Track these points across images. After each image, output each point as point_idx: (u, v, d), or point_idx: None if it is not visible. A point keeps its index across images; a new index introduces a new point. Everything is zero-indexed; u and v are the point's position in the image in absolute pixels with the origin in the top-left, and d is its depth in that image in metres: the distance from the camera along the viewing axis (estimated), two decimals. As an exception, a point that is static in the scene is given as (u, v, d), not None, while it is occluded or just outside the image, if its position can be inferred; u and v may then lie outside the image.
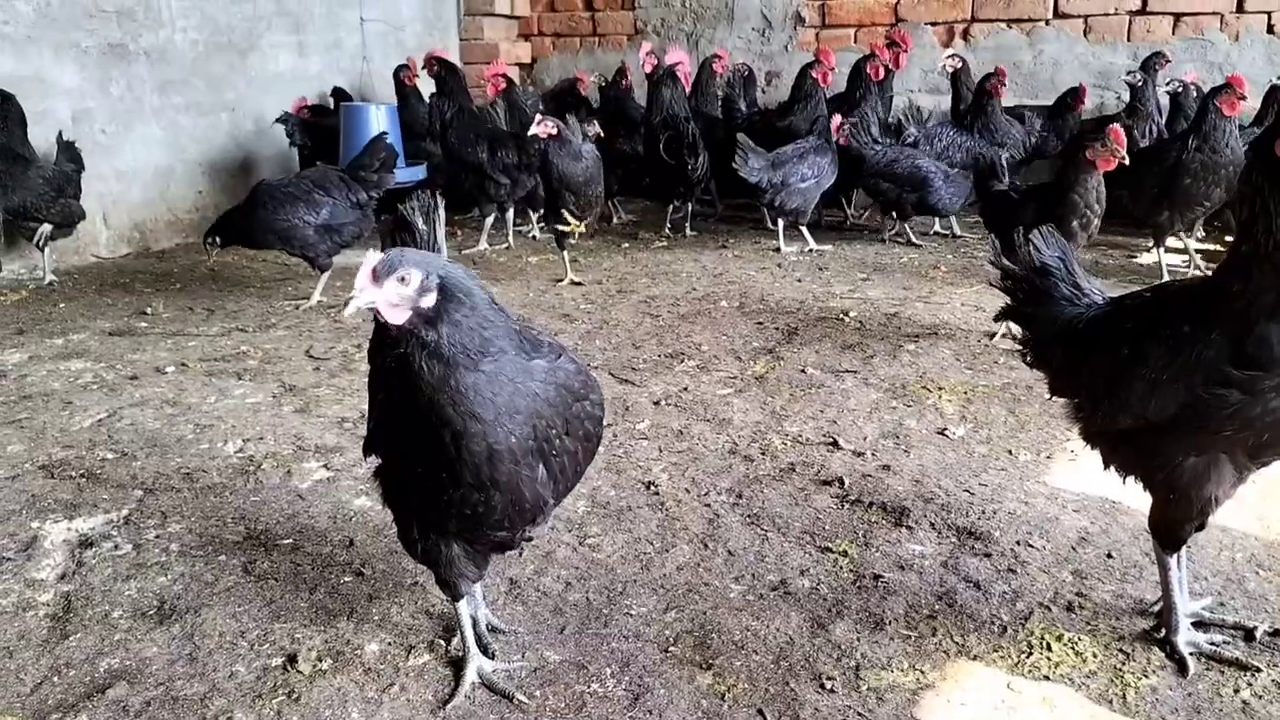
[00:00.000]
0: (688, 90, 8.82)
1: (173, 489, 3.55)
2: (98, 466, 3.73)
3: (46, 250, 6.68)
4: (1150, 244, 6.79)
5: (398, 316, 1.89)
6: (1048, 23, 9.13)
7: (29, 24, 6.97)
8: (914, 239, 7.92)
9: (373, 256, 1.89)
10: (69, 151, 6.67)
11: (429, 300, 1.90)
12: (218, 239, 5.97)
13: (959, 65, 8.43)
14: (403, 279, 1.87)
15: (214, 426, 4.13)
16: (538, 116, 6.03)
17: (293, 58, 9.11)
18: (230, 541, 3.16)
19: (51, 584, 2.90)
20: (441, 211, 2.63)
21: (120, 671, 2.47)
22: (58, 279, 6.71)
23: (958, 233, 8.15)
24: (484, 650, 2.50)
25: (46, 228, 6.54)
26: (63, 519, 3.30)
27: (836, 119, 7.48)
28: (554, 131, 6.09)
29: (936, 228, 8.27)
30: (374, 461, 2.43)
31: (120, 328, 5.65)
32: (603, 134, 7.41)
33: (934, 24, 9.58)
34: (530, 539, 2.47)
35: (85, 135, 7.12)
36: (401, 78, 8.95)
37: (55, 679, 2.44)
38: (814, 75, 8.14)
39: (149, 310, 6.02)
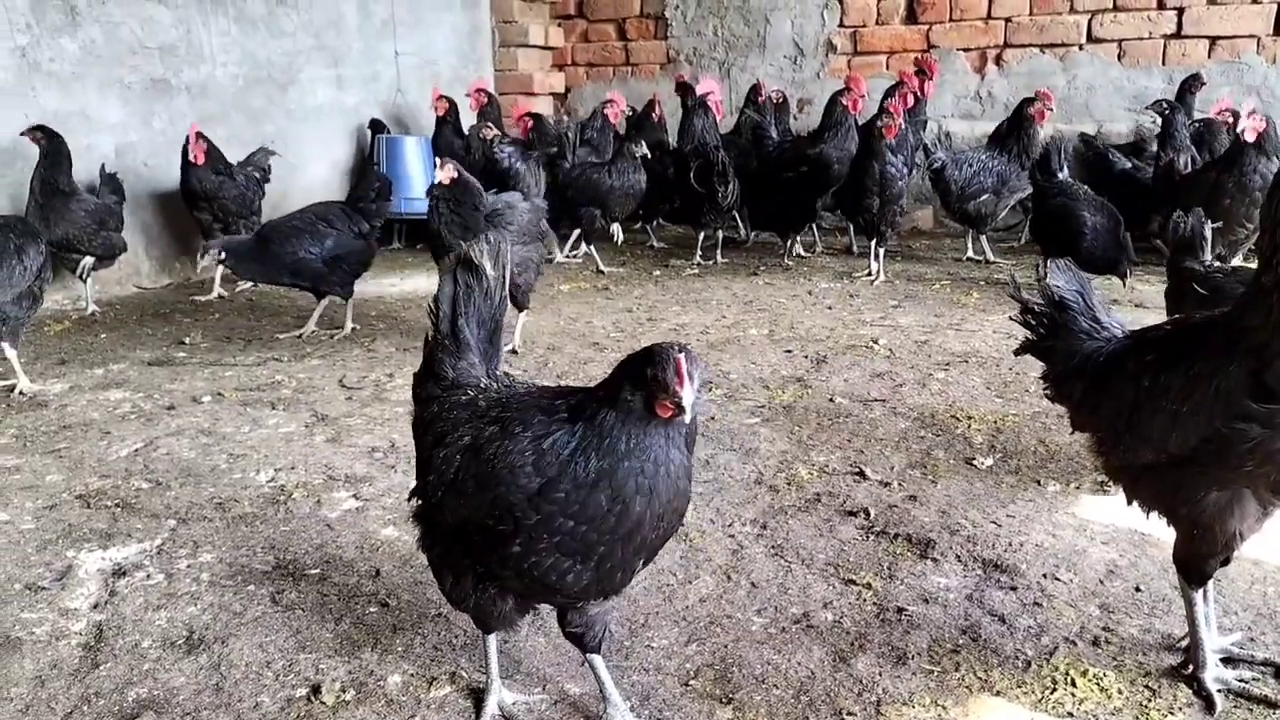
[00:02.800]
0: (720, 118, 8.89)
1: (205, 518, 3.60)
2: (133, 496, 3.80)
3: (89, 281, 6.83)
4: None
5: (690, 415, 1.93)
6: (1081, 47, 9.11)
7: (75, 61, 7.16)
8: (990, 256, 8.11)
9: (685, 359, 1.90)
10: (111, 184, 6.84)
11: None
12: (222, 254, 6.12)
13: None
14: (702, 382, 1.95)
15: (247, 456, 4.19)
16: (438, 161, 5.56)
17: (331, 91, 9.28)
18: (259, 571, 3.20)
19: (84, 613, 2.96)
20: (510, 257, 2.54)
21: (148, 701, 2.51)
22: (99, 309, 6.85)
23: (991, 258, 8.11)
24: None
25: (89, 260, 6.69)
26: (97, 548, 3.37)
27: None
28: (455, 176, 5.47)
29: (969, 254, 8.24)
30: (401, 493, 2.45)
31: (159, 358, 5.76)
32: (649, 155, 7.74)
33: (966, 50, 9.60)
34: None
35: (128, 168, 7.29)
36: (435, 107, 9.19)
37: (85, 708, 2.49)
38: (844, 102, 8.16)
39: (187, 340, 6.13)
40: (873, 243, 7.56)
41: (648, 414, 1.95)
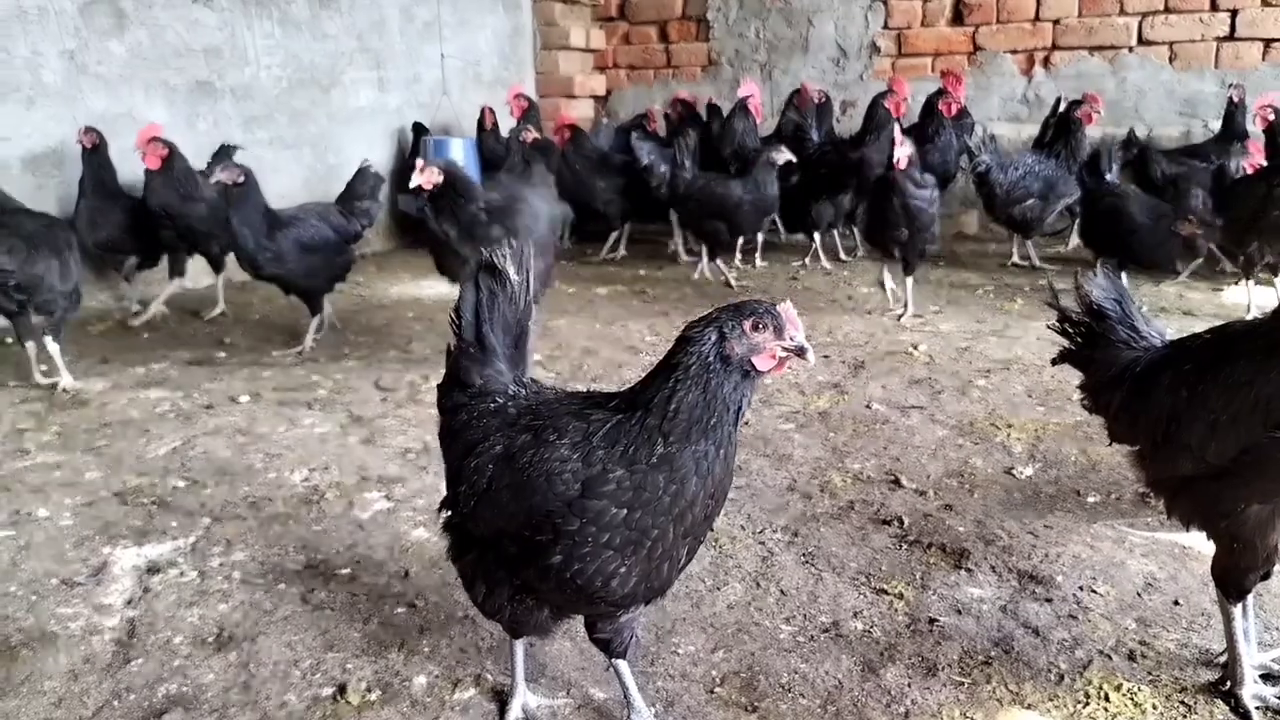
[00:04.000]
0: (759, 121, 8.85)
1: (239, 517, 3.63)
2: (169, 494, 3.84)
3: (134, 281, 6.92)
4: (1232, 281, 6.61)
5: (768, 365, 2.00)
6: (1131, 50, 8.96)
7: (122, 64, 7.28)
8: (1036, 262, 7.96)
9: (788, 309, 1.99)
10: None
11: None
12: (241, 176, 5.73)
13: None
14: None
15: (282, 456, 4.22)
16: (419, 163, 5.10)
17: (373, 93, 9.35)
18: (291, 570, 3.22)
19: (118, 609, 2.99)
20: (534, 262, 2.56)
21: (177, 697, 2.53)
22: (142, 308, 6.94)
23: (1037, 263, 7.99)
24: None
25: (133, 260, 6.78)
26: (133, 545, 3.41)
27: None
28: (439, 180, 5.03)
29: (1015, 259, 8.12)
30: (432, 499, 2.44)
31: (199, 357, 5.83)
32: (793, 159, 7.57)
33: (1013, 52, 9.47)
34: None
35: (173, 170, 7.38)
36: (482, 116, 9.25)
37: (116, 703, 2.51)
38: (886, 105, 8.07)
39: (227, 340, 6.20)
40: (906, 276, 6.53)
41: (744, 372, 1.96)
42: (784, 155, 7.33)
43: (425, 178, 4.95)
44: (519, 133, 8.65)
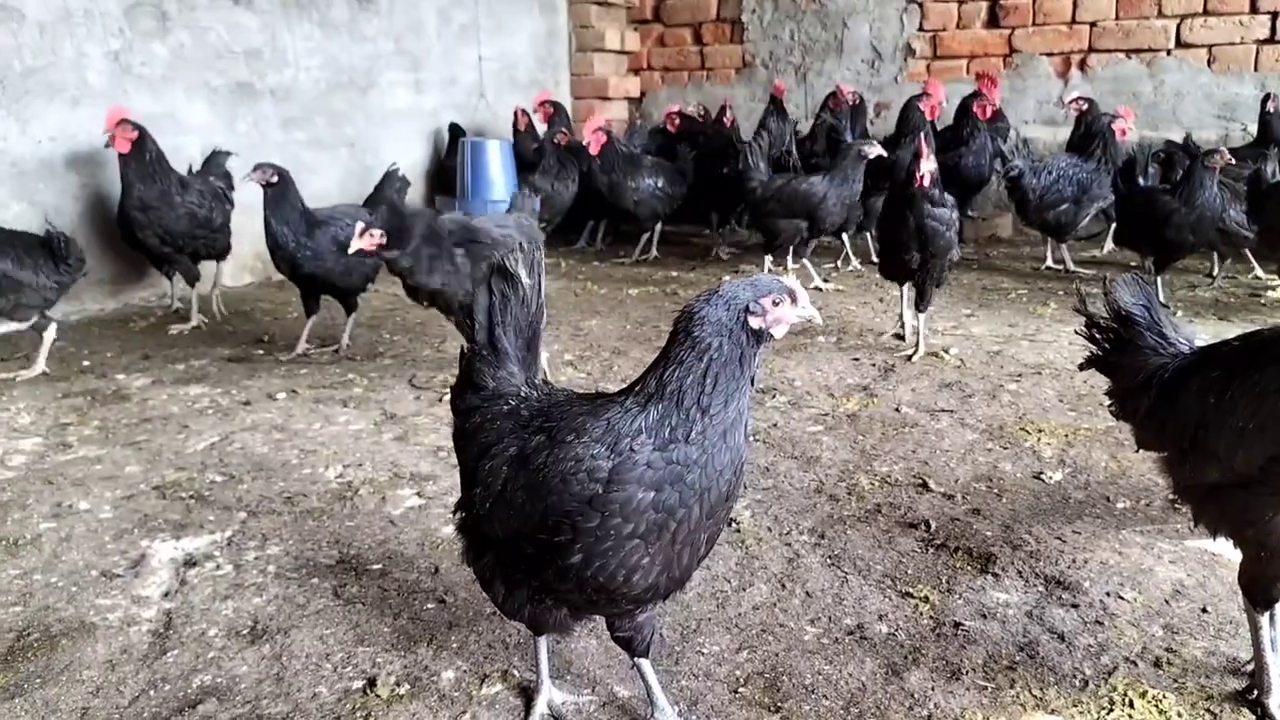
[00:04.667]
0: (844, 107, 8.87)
1: (274, 512, 3.70)
2: (207, 488, 3.92)
3: (176, 280, 7.03)
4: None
5: (782, 331, 2.07)
6: (1169, 53, 8.87)
7: (165, 65, 7.41)
8: (1070, 265, 7.91)
9: (795, 282, 2.07)
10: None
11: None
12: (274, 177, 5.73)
13: (1084, 108, 8.09)
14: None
15: (317, 452, 4.29)
16: (358, 228, 4.82)
17: (410, 95, 9.45)
18: (324, 565, 3.28)
19: (155, 601, 3.06)
20: (543, 264, 2.60)
21: (212, 688, 2.59)
22: (184, 305, 7.06)
23: (1071, 267, 7.93)
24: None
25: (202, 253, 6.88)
26: (170, 538, 3.48)
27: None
28: (381, 241, 4.80)
29: (1049, 262, 8.07)
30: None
31: (238, 354, 5.93)
32: (884, 154, 7.28)
33: (1049, 54, 9.41)
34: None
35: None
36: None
37: (151, 693, 2.58)
38: (920, 108, 8.05)
39: (266, 338, 6.30)
40: (919, 312, 5.70)
41: (755, 340, 2.03)
42: (875, 149, 7.04)
43: (366, 243, 4.79)
44: (553, 135, 8.71)
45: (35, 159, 6.74)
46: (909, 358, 5.57)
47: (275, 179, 5.60)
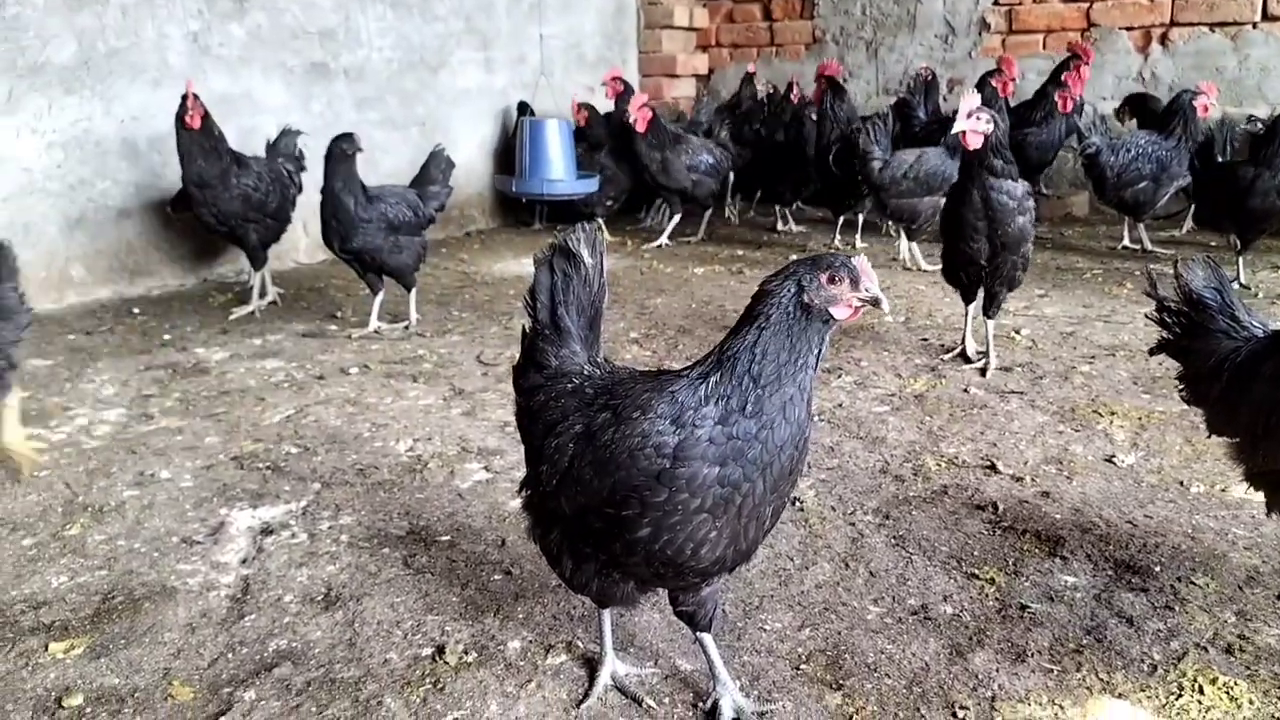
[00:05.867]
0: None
1: (347, 483, 3.79)
2: (282, 460, 4.02)
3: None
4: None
5: (844, 314, 2.06)
6: (1255, 25, 8.58)
7: (241, 46, 7.56)
8: (1148, 245, 7.72)
9: (864, 262, 2.06)
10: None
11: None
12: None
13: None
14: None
15: (388, 426, 4.38)
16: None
17: (479, 73, 9.51)
18: (394, 535, 3.36)
19: (234, 567, 3.16)
20: (606, 242, 2.60)
21: (287, 652, 2.68)
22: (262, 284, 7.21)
23: (1149, 247, 7.73)
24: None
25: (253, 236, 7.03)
26: (248, 507, 3.59)
27: None
28: None
29: (1125, 242, 7.88)
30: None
31: (312, 330, 6.06)
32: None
33: (1129, 29, 9.15)
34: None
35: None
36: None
37: (229, 655, 2.67)
38: (994, 84, 7.89)
39: (338, 314, 6.43)
40: (988, 318, 4.99)
41: (822, 319, 2.03)
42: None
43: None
44: (622, 113, 8.68)
45: (118, 138, 6.93)
46: (982, 371, 4.93)
47: (361, 149, 5.73)
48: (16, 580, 3.08)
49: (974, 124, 4.48)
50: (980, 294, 4.96)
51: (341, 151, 5.68)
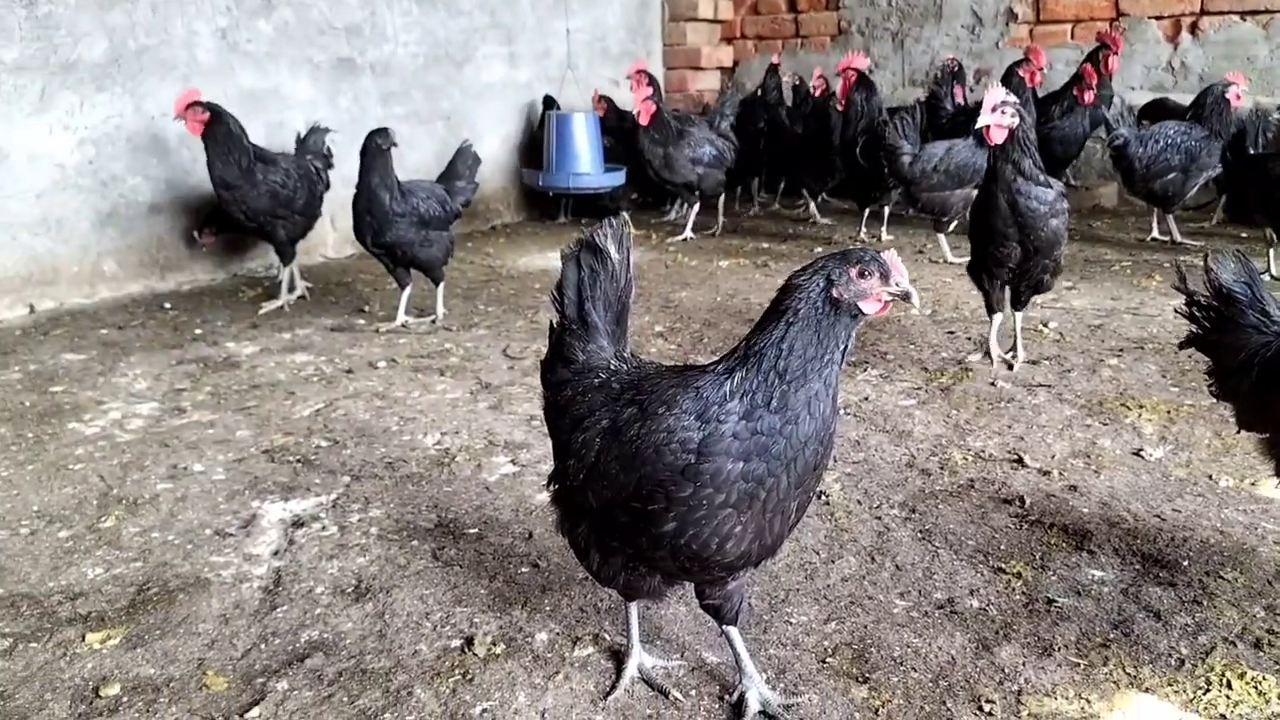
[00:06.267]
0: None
1: (376, 476, 3.83)
2: (313, 453, 4.07)
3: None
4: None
5: (873, 309, 2.04)
6: (1288, 13, 8.47)
7: (269, 42, 7.62)
8: (1177, 237, 7.61)
9: (893, 256, 2.04)
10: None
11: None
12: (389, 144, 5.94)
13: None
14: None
15: (416, 420, 4.42)
16: None
17: (504, 68, 9.55)
18: (423, 528, 3.39)
19: (266, 559, 3.21)
20: (632, 237, 2.62)
21: (318, 643, 2.72)
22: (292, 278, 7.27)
23: (1177, 239, 7.66)
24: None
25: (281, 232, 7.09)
26: (279, 500, 3.64)
27: None
28: None
29: (1154, 233, 7.81)
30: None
31: (340, 324, 6.11)
32: None
33: (1158, 18, 9.07)
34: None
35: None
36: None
37: (262, 646, 2.71)
38: (1021, 74, 7.84)
39: (366, 308, 6.48)
40: (1015, 310, 4.91)
41: (851, 314, 2.03)
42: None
43: None
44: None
45: (148, 135, 7.00)
46: (1009, 366, 4.86)
47: (396, 144, 5.80)
48: (54, 572, 3.14)
49: (998, 118, 4.34)
50: (1007, 293, 4.84)
51: (377, 146, 5.72)
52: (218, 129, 6.14)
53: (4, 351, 5.57)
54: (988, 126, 4.38)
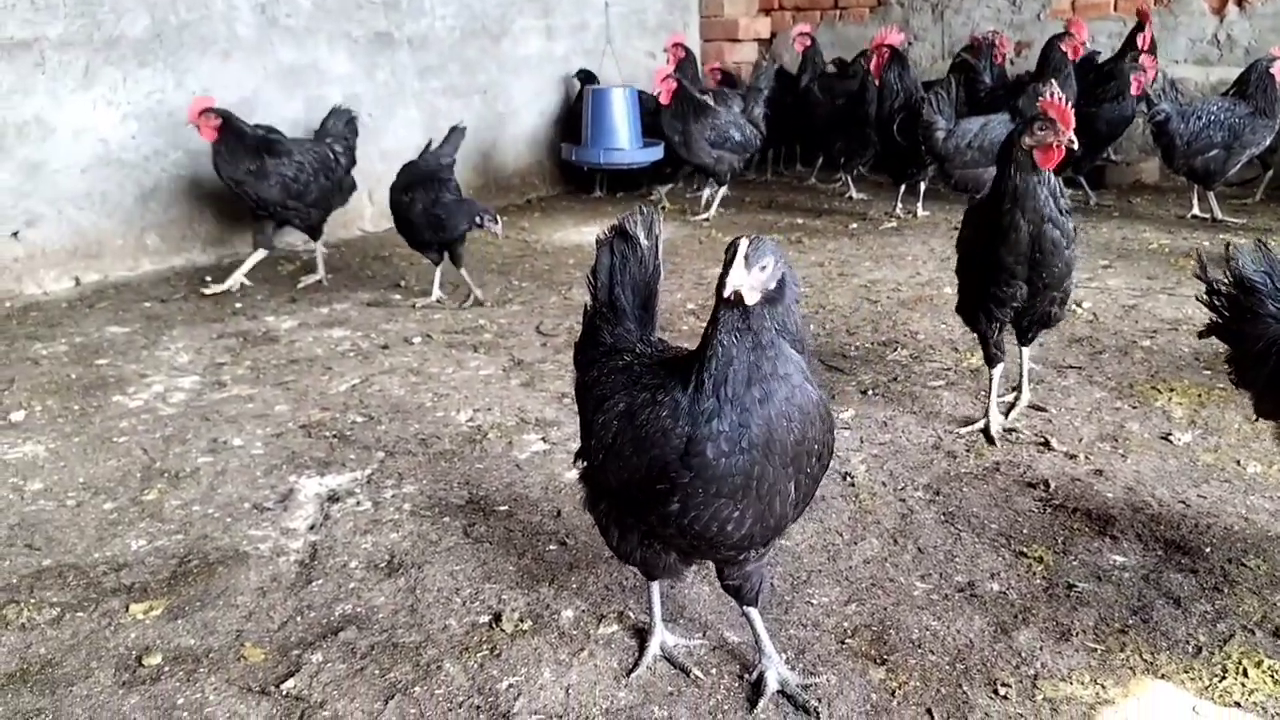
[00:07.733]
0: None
1: (410, 453, 3.91)
2: (348, 428, 4.16)
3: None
4: None
5: (753, 298, 2.02)
6: (1340, -16, 8.26)
7: (308, 16, 7.68)
8: (1219, 215, 7.49)
9: (744, 245, 2.01)
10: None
11: (772, 286, 2.04)
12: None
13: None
14: (763, 267, 2.01)
15: (449, 396, 4.50)
16: None
17: (541, 41, 9.54)
18: (454, 504, 3.47)
19: (302, 533, 3.30)
20: (662, 222, 2.66)
21: (352, 617, 2.81)
22: (328, 250, 7.35)
23: (1219, 216, 7.55)
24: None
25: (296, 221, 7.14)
26: (315, 475, 3.73)
27: None
28: None
29: (1195, 211, 7.71)
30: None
31: (377, 299, 6.20)
32: None
33: (1205, -11, 8.87)
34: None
35: (353, 119, 7.77)
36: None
37: (298, 619, 2.81)
38: (1062, 48, 7.72)
39: (403, 283, 6.56)
40: (1022, 348, 4.07)
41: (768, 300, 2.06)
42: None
43: None
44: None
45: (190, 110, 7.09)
46: (1005, 413, 4.05)
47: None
48: (99, 543, 3.25)
49: (1051, 134, 3.42)
50: (1009, 334, 4.01)
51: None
52: (229, 132, 6.20)
53: (51, 324, 5.71)
54: (1044, 145, 3.43)
